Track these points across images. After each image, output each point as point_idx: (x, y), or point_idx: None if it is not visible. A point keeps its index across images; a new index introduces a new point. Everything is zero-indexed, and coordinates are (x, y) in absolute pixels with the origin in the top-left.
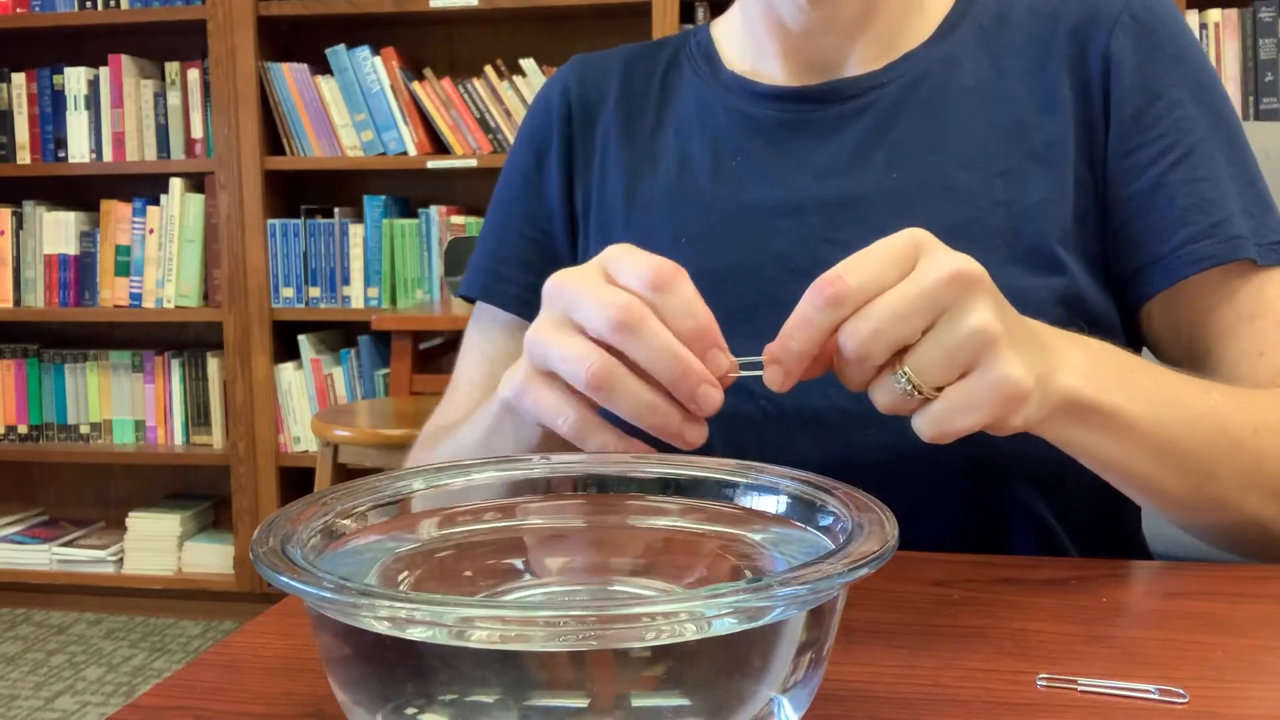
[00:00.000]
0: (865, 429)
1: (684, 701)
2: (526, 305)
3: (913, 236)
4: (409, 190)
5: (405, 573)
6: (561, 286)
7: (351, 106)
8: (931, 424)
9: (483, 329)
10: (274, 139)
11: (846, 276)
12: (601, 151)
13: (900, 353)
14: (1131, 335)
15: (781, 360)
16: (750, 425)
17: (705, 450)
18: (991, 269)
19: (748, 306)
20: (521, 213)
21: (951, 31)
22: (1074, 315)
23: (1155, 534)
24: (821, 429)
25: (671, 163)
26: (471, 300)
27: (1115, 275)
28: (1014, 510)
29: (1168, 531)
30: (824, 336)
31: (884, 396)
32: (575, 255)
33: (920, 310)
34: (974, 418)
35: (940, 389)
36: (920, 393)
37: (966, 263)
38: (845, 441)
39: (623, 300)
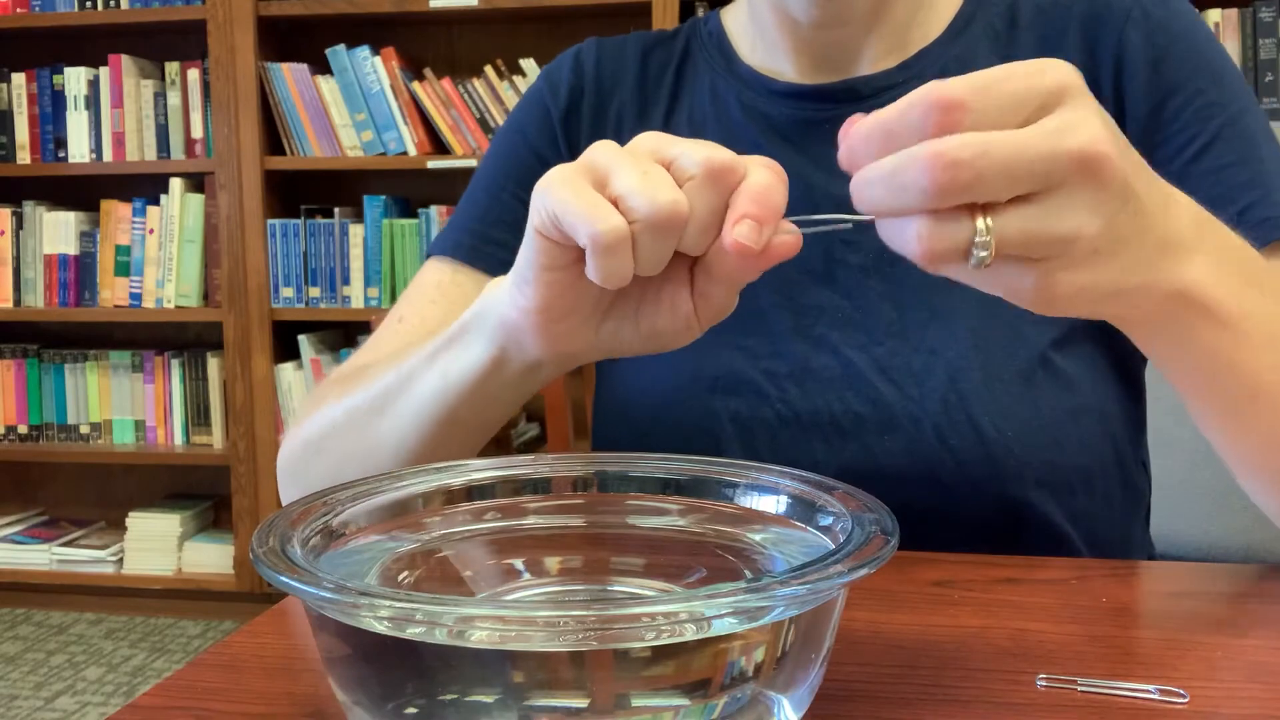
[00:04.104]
0: (881, 435)
1: (684, 701)
2: None
3: (1061, 78)
4: (409, 190)
5: (405, 573)
6: (603, 149)
7: (351, 106)
8: (948, 267)
9: (451, 273)
10: (274, 139)
11: (966, 95)
12: (615, 136)
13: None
14: None
15: (846, 158)
16: (765, 429)
17: (714, 452)
18: None
19: (762, 308)
20: (516, 174)
21: (964, 30)
22: (1092, 322)
23: (1156, 534)
24: (837, 434)
25: None
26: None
27: None
28: (1028, 516)
29: (1168, 532)
30: (901, 142)
31: (941, 240)
32: None
33: (1032, 175)
34: (1014, 295)
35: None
36: (986, 255)
37: (1101, 145)
38: (861, 447)
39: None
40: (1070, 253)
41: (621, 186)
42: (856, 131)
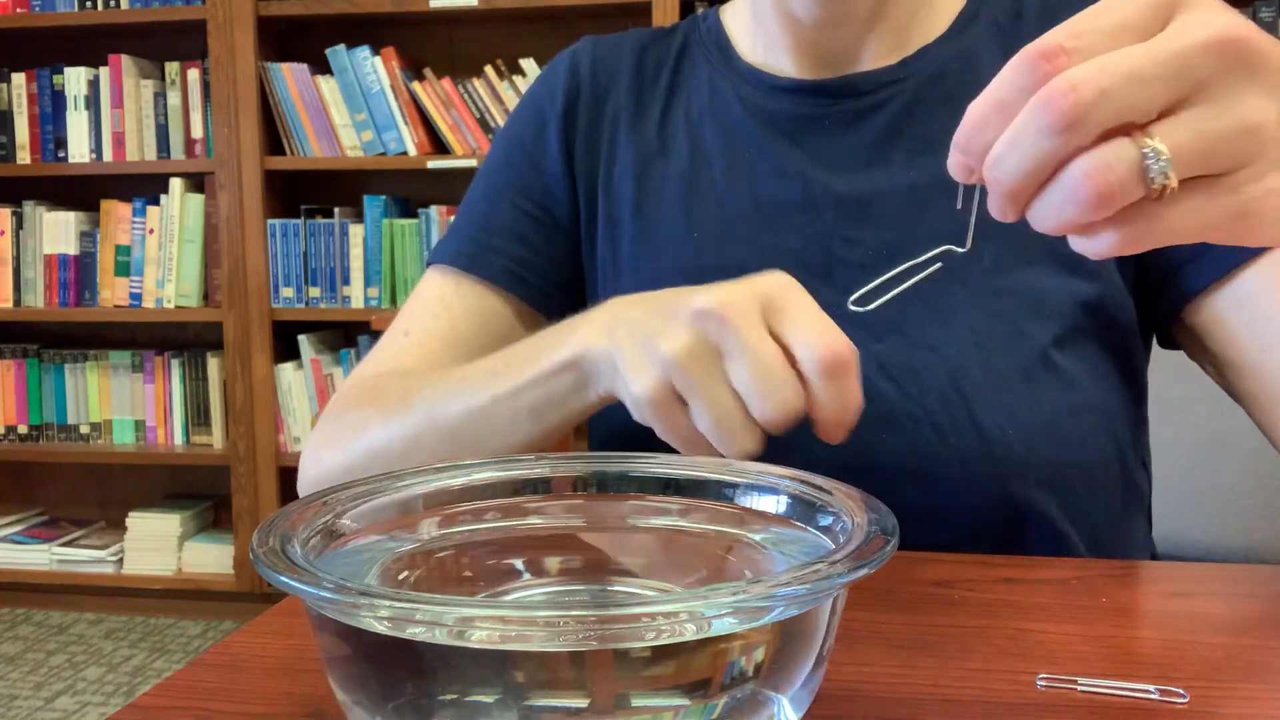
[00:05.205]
0: (880, 432)
1: (684, 701)
2: (516, 280)
3: None
4: (409, 190)
5: (405, 573)
6: (719, 317)
7: (351, 106)
8: (1137, 227)
9: (454, 284)
10: (274, 139)
11: (1064, 38)
12: (610, 135)
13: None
14: (1156, 343)
15: (963, 150)
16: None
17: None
18: (1013, 268)
19: None
20: (515, 183)
21: (967, 27)
22: (1094, 319)
23: (1156, 534)
24: None
25: (683, 152)
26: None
27: (1150, 276)
28: (1028, 515)
29: (1168, 532)
30: (1016, 109)
31: (1108, 169)
32: (580, 232)
33: (1167, 77)
34: (1205, 232)
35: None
36: (1166, 181)
37: (1232, 29)
38: (860, 443)
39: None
40: (1262, 149)
41: (743, 384)
42: (965, 124)
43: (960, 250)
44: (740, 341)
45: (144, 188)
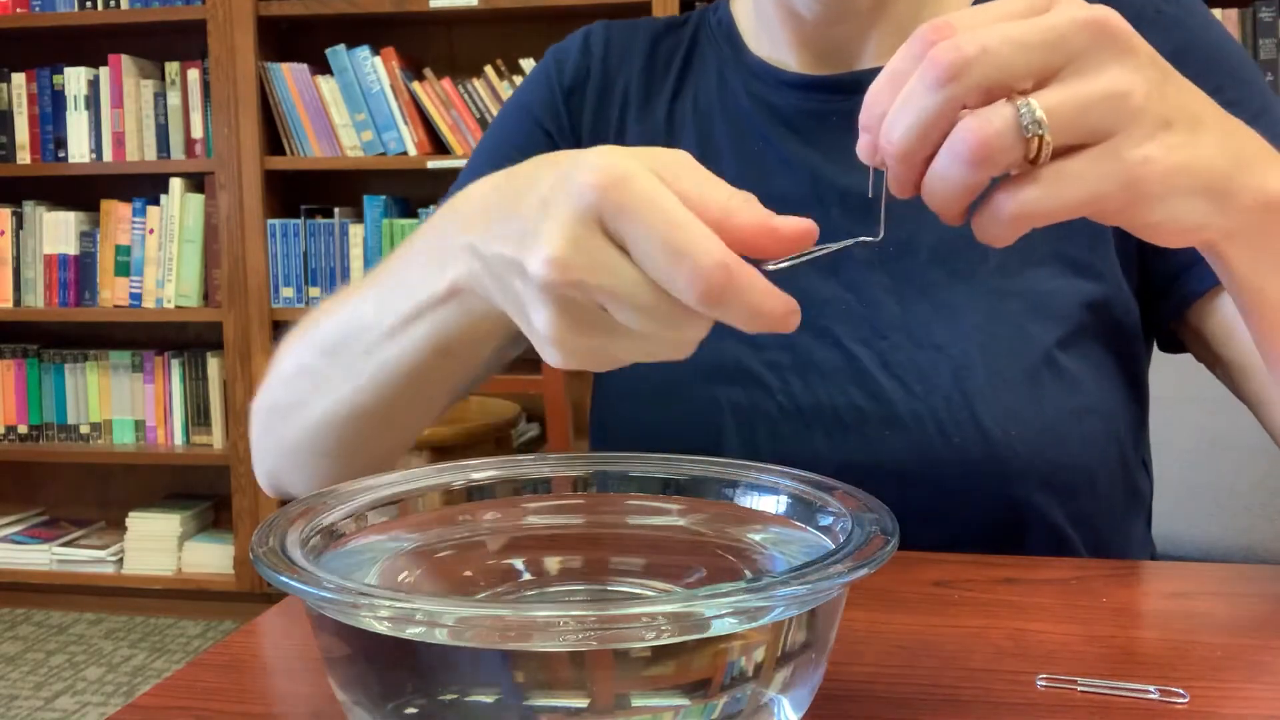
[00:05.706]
0: (883, 430)
1: (684, 701)
2: None
3: None
4: (409, 190)
5: (405, 573)
6: (567, 284)
7: (351, 106)
8: (1024, 196)
9: None
10: (274, 139)
11: (955, 18)
12: (619, 121)
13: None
14: (1159, 345)
15: (864, 124)
16: (766, 422)
17: (714, 450)
18: (1019, 269)
19: None
20: (521, 144)
21: None
22: (1098, 321)
23: (1156, 534)
24: (838, 429)
25: (692, 142)
26: None
27: (1153, 279)
28: (1030, 517)
29: (1168, 532)
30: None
31: (986, 125)
32: None
33: (1042, 44)
34: (1098, 203)
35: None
36: (1041, 135)
37: (1103, 13)
38: (862, 442)
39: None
40: (1134, 115)
41: (645, 327)
42: (866, 100)
43: (873, 240)
44: (605, 293)
45: (144, 188)
